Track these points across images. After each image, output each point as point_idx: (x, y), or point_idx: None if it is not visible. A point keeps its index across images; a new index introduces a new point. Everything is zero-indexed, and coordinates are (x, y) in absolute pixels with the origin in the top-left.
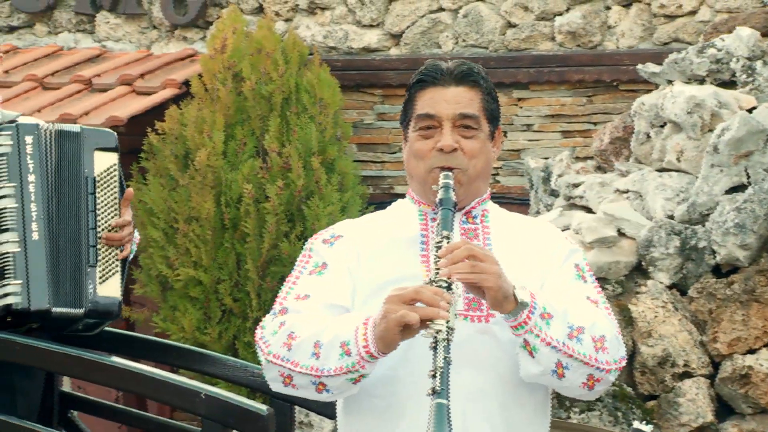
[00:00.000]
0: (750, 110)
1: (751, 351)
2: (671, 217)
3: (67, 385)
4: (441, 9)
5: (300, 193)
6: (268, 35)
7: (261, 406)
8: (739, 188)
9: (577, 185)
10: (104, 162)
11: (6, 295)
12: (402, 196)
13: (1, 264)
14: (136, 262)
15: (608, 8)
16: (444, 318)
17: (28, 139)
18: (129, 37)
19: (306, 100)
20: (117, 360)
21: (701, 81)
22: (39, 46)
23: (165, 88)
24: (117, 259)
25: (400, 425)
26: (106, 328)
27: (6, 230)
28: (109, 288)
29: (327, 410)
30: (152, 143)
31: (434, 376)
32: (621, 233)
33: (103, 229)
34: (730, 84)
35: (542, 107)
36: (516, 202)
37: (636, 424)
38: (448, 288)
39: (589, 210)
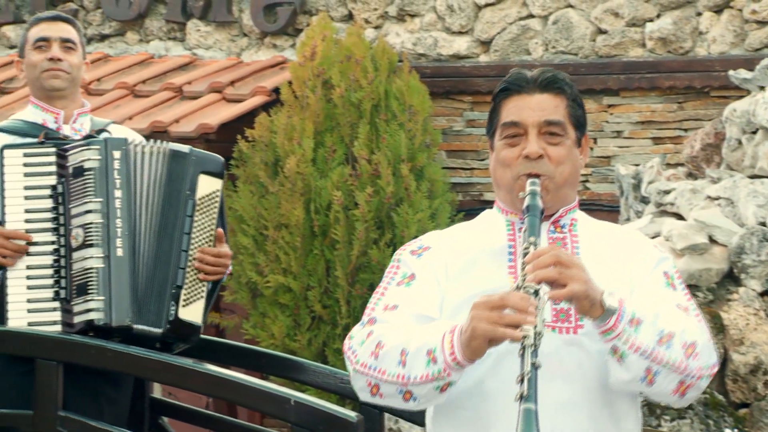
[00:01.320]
0: None
1: None
2: (763, 224)
3: (157, 391)
4: (531, 15)
5: (389, 200)
6: (358, 42)
7: (350, 413)
8: None
9: (667, 192)
10: (208, 187)
11: (89, 310)
12: (491, 203)
13: (84, 279)
14: None
15: (699, 14)
16: (531, 323)
17: (116, 154)
18: (219, 44)
19: (395, 107)
20: (208, 366)
21: None
22: (130, 54)
23: (255, 96)
24: (203, 285)
25: None
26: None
27: (91, 245)
28: (191, 312)
29: (416, 417)
30: (242, 150)
31: (522, 382)
32: (712, 240)
33: (194, 252)
34: None
35: (633, 114)
36: (606, 209)
37: None
38: (536, 294)
39: (680, 217)
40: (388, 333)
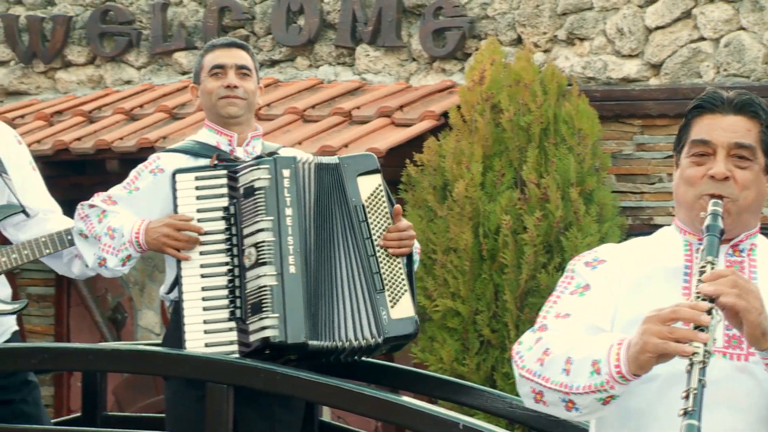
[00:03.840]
0: None
1: None
2: None
3: (327, 414)
4: (702, 38)
5: (558, 224)
6: (527, 66)
7: None
8: None
9: None
10: (369, 186)
11: (264, 328)
12: (661, 227)
13: (259, 297)
14: None
15: None
16: (702, 340)
17: (286, 172)
18: (388, 69)
19: (564, 131)
20: (376, 390)
21: None
22: (300, 80)
23: (423, 120)
24: (403, 278)
25: None
26: (365, 359)
27: (264, 264)
28: (401, 309)
29: None
30: (411, 174)
31: (687, 397)
32: None
33: (381, 251)
34: None
35: None
36: None
37: None
38: (709, 312)
39: None
40: (556, 340)
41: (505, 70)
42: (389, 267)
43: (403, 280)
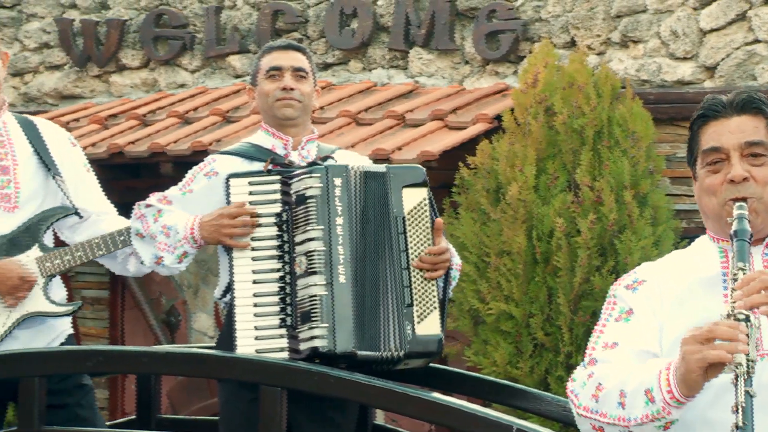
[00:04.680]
0: None
1: None
2: None
3: (380, 417)
4: (757, 41)
5: (612, 227)
6: (580, 69)
7: None
8: None
9: None
10: (413, 199)
11: (313, 338)
12: None
13: (308, 306)
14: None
15: None
16: (743, 351)
17: (337, 181)
18: (441, 72)
19: (618, 134)
20: (429, 393)
21: None
22: (353, 83)
23: (477, 123)
24: (434, 296)
25: None
26: None
27: (314, 273)
28: (428, 326)
29: None
30: (464, 178)
31: (737, 411)
32: None
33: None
34: None
35: None
36: None
37: None
38: (747, 320)
39: None
40: (607, 373)
41: (558, 72)
42: (422, 283)
43: (433, 297)
